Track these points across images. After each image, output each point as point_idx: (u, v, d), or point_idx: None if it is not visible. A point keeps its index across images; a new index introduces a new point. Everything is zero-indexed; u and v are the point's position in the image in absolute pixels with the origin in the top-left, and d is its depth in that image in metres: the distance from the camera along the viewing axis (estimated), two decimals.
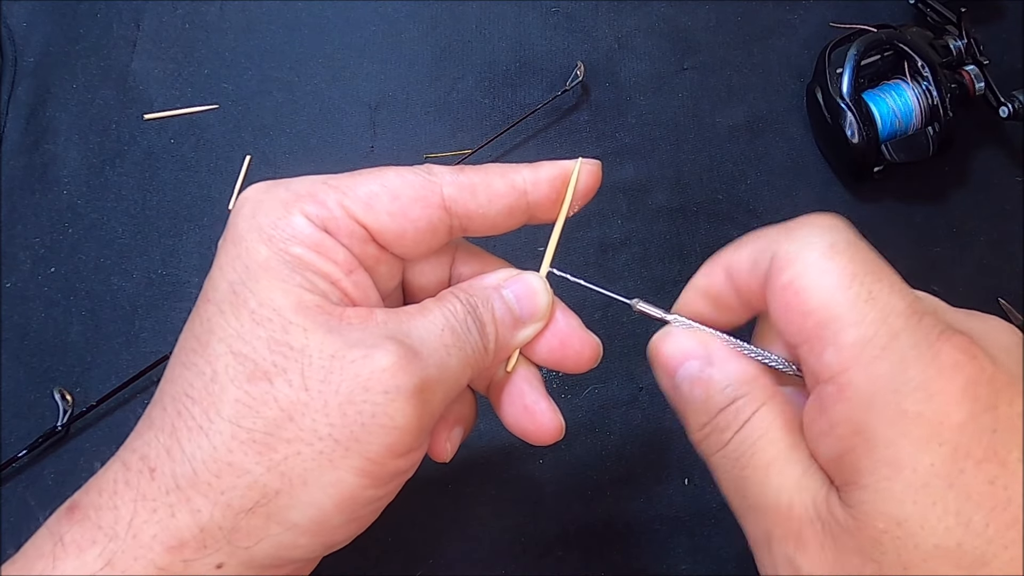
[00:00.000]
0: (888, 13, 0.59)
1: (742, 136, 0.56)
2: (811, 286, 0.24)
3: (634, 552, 0.46)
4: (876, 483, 0.23)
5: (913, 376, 0.23)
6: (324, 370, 0.25)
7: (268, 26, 0.58)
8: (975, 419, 0.22)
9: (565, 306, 0.32)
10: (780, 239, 0.26)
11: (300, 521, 0.25)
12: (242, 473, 0.25)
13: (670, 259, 0.53)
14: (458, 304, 0.29)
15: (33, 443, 0.46)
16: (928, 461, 0.22)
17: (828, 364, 0.24)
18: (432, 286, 0.32)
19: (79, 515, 0.25)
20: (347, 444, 0.25)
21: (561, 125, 0.56)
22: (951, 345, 0.23)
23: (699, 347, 0.28)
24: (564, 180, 0.30)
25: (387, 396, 0.25)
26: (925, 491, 0.22)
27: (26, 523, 0.45)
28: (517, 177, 0.30)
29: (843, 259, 0.24)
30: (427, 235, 0.29)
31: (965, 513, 0.22)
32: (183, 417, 0.25)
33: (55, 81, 0.56)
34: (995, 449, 0.22)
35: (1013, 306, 0.52)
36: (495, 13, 0.59)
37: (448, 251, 0.33)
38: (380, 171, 0.29)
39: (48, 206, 0.53)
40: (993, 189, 0.55)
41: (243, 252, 0.27)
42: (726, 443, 0.27)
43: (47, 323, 0.50)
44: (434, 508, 0.46)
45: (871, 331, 0.23)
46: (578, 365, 0.32)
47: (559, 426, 0.31)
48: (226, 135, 0.56)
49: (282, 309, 0.26)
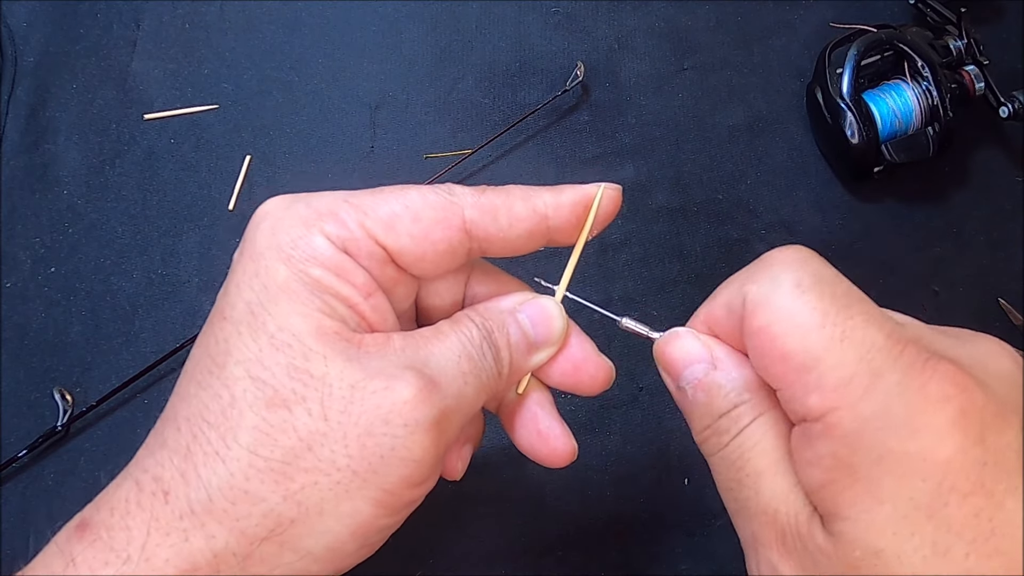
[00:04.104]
0: (888, 13, 0.59)
1: (742, 136, 0.56)
2: (784, 331, 0.24)
3: (634, 552, 0.46)
4: (856, 515, 0.23)
5: (898, 413, 0.23)
6: (344, 400, 0.25)
7: (268, 26, 0.58)
8: (963, 453, 0.22)
9: (579, 330, 0.32)
10: (747, 281, 0.26)
11: (314, 549, 0.25)
12: (258, 501, 0.25)
13: (670, 259, 0.53)
14: (474, 329, 0.29)
15: (33, 443, 0.46)
16: (908, 496, 0.22)
17: (812, 408, 0.24)
18: (447, 305, 0.32)
19: (91, 534, 0.25)
20: (365, 476, 0.25)
21: (561, 125, 0.56)
22: (939, 376, 0.23)
23: (704, 351, 0.28)
24: (586, 205, 0.30)
25: (407, 429, 0.25)
26: (904, 523, 0.22)
27: (26, 523, 0.45)
28: (539, 201, 0.29)
29: (811, 297, 0.24)
30: (447, 257, 0.29)
31: (943, 544, 0.22)
32: (199, 441, 0.25)
33: (55, 81, 0.56)
34: (983, 482, 0.22)
35: (1013, 306, 0.52)
36: (495, 13, 0.59)
37: (464, 270, 0.32)
38: (402, 190, 0.28)
39: (48, 206, 0.53)
40: (993, 189, 0.55)
41: (262, 270, 0.26)
42: (724, 446, 0.27)
43: (47, 323, 0.50)
44: (434, 508, 0.46)
45: (851, 372, 0.23)
46: (592, 389, 0.32)
47: (572, 450, 0.31)
48: (226, 135, 0.55)
49: (302, 335, 0.26)
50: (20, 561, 0.27)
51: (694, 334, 0.29)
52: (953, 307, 0.52)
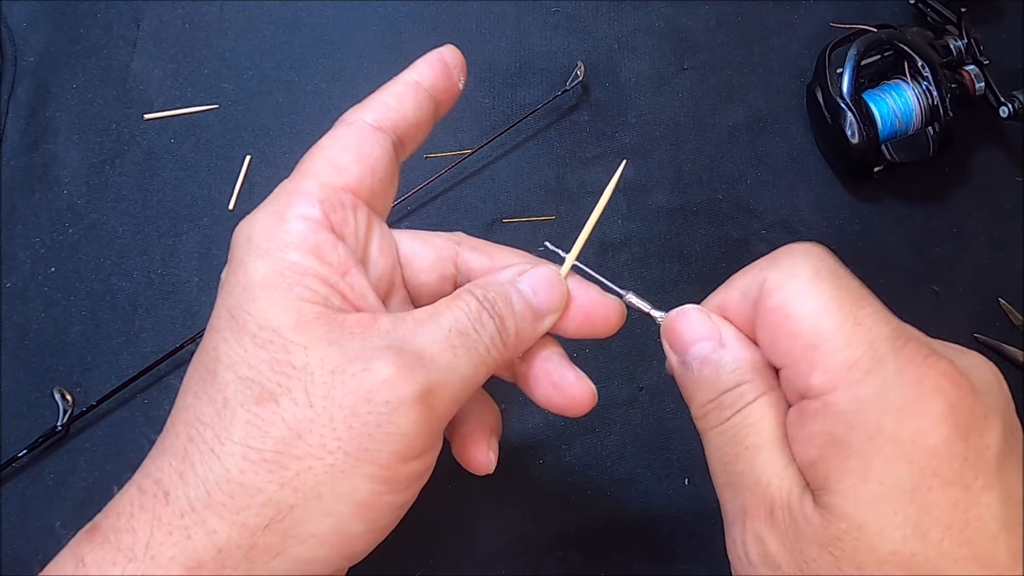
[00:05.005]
0: (888, 13, 0.59)
1: (742, 136, 0.56)
2: (799, 311, 0.26)
3: (634, 552, 0.46)
4: (844, 490, 0.24)
5: (894, 399, 0.24)
6: (326, 386, 0.26)
7: (268, 26, 0.58)
8: (949, 445, 0.24)
9: (579, 278, 0.32)
10: (767, 268, 0.28)
11: (319, 533, 0.26)
12: (255, 492, 0.25)
13: (670, 259, 0.53)
14: (473, 302, 0.29)
15: (33, 443, 0.46)
16: (895, 476, 0.24)
17: (814, 385, 0.25)
18: (433, 283, 0.33)
19: (99, 537, 0.26)
20: (356, 455, 0.26)
21: (561, 125, 0.56)
22: (936, 371, 0.25)
23: (713, 329, 0.29)
24: (440, 58, 0.33)
25: (389, 406, 0.26)
26: (888, 502, 0.24)
27: (26, 523, 0.45)
28: (412, 72, 0.32)
29: (828, 285, 0.26)
30: (384, 161, 0.31)
31: (923, 526, 0.24)
32: (195, 442, 0.26)
33: (55, 81, 0.56)
34: (962, 475, 0.24)
35: (1013, 306, 0.52)
36: (495, 13, 0.59)
37: (449, 251, 0.33)
38: (330, 141, 0.31)
39: (48, 206, 0.53)
40: (993, 189, 0.55)
41: (241, 275, 0.28)
42: (725, 420, 0.28)
43: (47, 323, 0.50)
44: (434, 508, 0.46)
45: (857, 355, 0.25)
46: (607, 331, 0.32)
47: (590, 394, 0.32)
48: (226, 135, 0.56)
49: (281, 329, 0.26)
50: (20, 561, 0.27)
51: (704, 312, 0.30)
52: (953, 307, 0.52)
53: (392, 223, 0.33)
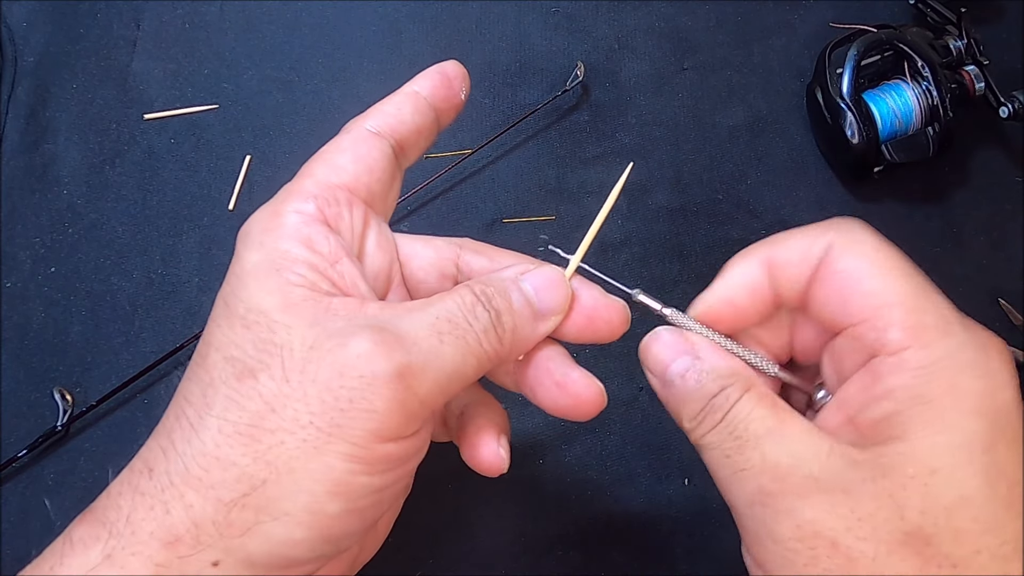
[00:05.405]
0: (888, 13, 0.59)
1: (742, 136, 0.56)
2: (874, 272, 0.28)
3: (634, 552, 0.46)
4: (920, 438, 0.25)
5: (967, 358, 0.26)
6: (303, 360, 0.26)
7: (268, 26, 0.58)
8: (1016, 405, 0.26)
9: (582, 278, 0.32)
10: (831, 233, 0.29)
11: (292, 510, 0.25)
12: (229, 466, 0.25)
13: (670, 259, 0.53)
14: (469, 294, 0.29)
15: (33, 443, 0.46)
16: (972, 428, 0.25)
17: (891, 341, 0.27)
18: (433, 281, 0.33)
19: (90, 516, 0.26)
20: (329, 431, 0.25)
21: (561, 125, 0.56)
22: (996, 340, 0.27)
23: (686, 344, 0.30)
24: (441, 73, 0.35)
25: (363, 380, 0.26)
26: (963, 451, 0.25)
27: (26, 523, 0.45)
28: (413, 85, 0.35)
29: (894, 253, 0.28)
30: (383, 162, 0.32)
31: (992, 477, 0.25)
32: (179, 420, 0.27)
33: (55, 81, 0.56)
34: (1020, 435, 0.26)
35: (1013, 306, 0.52)
36: (495, 13, 0.59)
37: (450, 252, 0.33)
38: (330, 146, 0.32)
39: (48, 206, 0.53)
40: (993, 189, 0.55)
41: (236, 267, 0.28)
42: (719, 421, 0.28)
43: (47, 323, 0.50)
44: (434, 508, 0.46)
45: (931, 318, 0.27)
46: (611, 335, 0.32)
47: (597, 393, 0.31)
48: (226, 135, 0.56)
49: (268, 311, 0.27)
50: (20, 561, 0.27)
51: (676, 331, 0.31)
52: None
53: (392, 223, 0.33)
